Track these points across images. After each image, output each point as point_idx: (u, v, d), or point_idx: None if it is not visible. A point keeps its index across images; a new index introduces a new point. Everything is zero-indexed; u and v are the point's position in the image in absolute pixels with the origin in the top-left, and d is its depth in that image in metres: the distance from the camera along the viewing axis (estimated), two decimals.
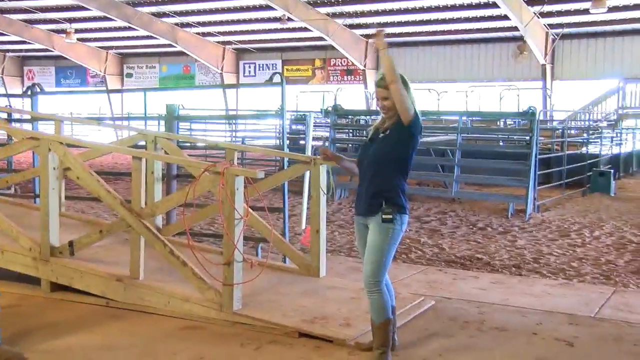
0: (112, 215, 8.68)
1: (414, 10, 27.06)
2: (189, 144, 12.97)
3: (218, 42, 33.95)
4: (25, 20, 32.44)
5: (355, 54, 30.92)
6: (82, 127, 18.52)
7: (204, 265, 6.43)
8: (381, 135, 5.38)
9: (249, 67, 35.99)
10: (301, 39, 31.66)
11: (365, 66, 31.87)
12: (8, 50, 38.12)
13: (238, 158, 9.53)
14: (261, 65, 35.37)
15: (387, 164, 5.29)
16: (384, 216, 5.15)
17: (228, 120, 25.05)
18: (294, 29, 29.60)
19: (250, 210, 7.23)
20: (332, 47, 30.70)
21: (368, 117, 20.82)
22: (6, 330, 5.85)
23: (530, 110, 15.02)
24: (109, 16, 29.11)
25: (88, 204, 12.51)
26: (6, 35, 33.93)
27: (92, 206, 12.74)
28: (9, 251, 7.56)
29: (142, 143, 8.88)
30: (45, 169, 7.35)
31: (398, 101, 5.11)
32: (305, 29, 28.86)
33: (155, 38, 31.88)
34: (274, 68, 34.41)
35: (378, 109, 5.49)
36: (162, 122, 11.94)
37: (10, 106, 14.26)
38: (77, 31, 32.66)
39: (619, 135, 24.43)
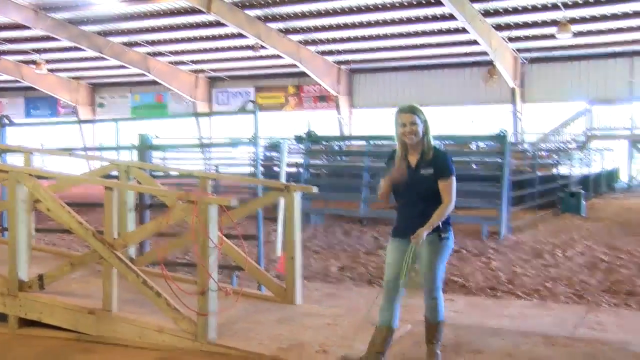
0: (84, 246, 8.61)
1: (385, 37, 27.22)
2: (162, 174, 12.90)
3: (191, 71, 34.00)
4: None
5: (328, 80, 31.05)
6: (53, 158, 18.33)
7: (178, 296, 6.38)
8: (422, 172, 5.82)
9: (222, 95, 36.00)
10: (274, 67, 31.77)
11: (338, 92, 31.99)
12: None
13: (212, 186, 9.48)
14: (234, 93, 35.38)
15: (436, 196, 5.78)
16: (442, 234, 5.77)
17: (201, 148, 24.98)
18: (266, 57, 29.68)
19: (225, 239, 7.21)
20: (305, 74, 30.84)
21: (341, 142, 20.90)
22: None
23: (502, 134, 15.13)
24: (79, 46, 29.03)
25: (60, 236, 12.41)
26: None
27: (63, 238, 12.65)
28: None
29: (115, 173, 8.85)
30: (13, 202, 7.29)
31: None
32: (278, 57, 28.96)
33: (127, 67, 31.84)
34: (248, 96, 34.49)
35: (401, 135, 5.83)
36: (135, 152, 11.89)
37: None
38: (47, 62, 32.56)
39: (587, 156, 24.82)
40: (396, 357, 6.15)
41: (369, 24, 25.83)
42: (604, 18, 24.07)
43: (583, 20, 24.12)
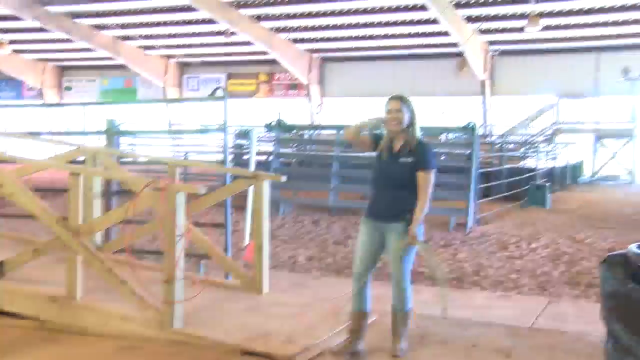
0: (48, 233, 8.53)
1: (357, 26, 27.25)
2: (130, 160, 12.84)
3: (161, 56, 33.80)
4: None
5: (299, 68, 31.04)
6: (17, 142, 18.18)
7: (144, 284, 6.36)
8: (401, 159, 5.89)
9: (193, 81, 35.86)
10: (245, 53, 31.69)
11: (309, 81, 32.00)
12: None
13: (181, 173, 9.45)
14: (205, 80, 35.23)
15: (410, 185, 5.83)
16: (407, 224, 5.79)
17: (171, 135, 24.85)
18: (238, 43, 29.60)
19: (192, 227, 7.18)
20: (277, 62, 30.80)
21: (312, 131, 20.88)
22: None
23: (470, 125, 15.32)
24: (45, 28, 28.75)
25: (23, 221, 12.30)
26: None
27: (27, 224, 12.55)
28: None
29: (82, 159, 8.78)
30: None
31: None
32: (250, 43, 28.90)
33: (96, 51, 31.61)
34: (219, 82, 34.36)
35: (386, 124, 5.97)
36: (103, 137, 11.81)
37: None
38: (11, 42, 32.19)
39: (554, 149, 25.07)
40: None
41: (341, 13, 25.87)
42: (572, 12, 24.38)
43: (552, 14, 24.39)
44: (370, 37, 28.62)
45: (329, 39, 29.41)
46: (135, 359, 5.95)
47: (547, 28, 25.13)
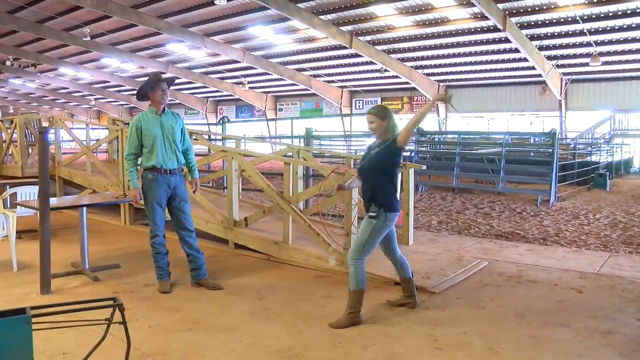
0: (270, 201, 8.86)
1: (468, 64, 26.52)
2: (320, 155, 13.08)
3: (338, 87, 34.06)
4: (219, 78, 33.45)
5: (430, 92, 30.43)
6: (251, 143, 18.86)
7: (330, 235, 6.51)
8: (373, 151, 4.85)
9: (359, 103, 35.90)
10: (394, 83, 31.40)
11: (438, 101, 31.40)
12: (209, 97, 39.40)
13: (353, 164, 9.54)
14: (367, 102, 35.23)
15: (377, 175, 4.77)
16: (370, 213, 4.78)
17: (345, 138, 25.11)
18: (389, 77, 29.41)
19: (361, 200, 7.26)
20: (415, 89, 30.36)
21: (440, 136, 20.57)
22: (209, 270, 6.12)
23: (552, 132, 15.35)
24: (268, 72, 29.69)
25: (255, 193, 12.82)
26: (208, 87, 35.12)
27: (257, 195, 13.07)
28: (210, 222, 7.84)
29: (290, 154, 9.03)
30: (230, 171, 7.60)
31: (407, 132, 4.73)
32: (397, 77, 28.64)
33: (297, 85, 32.26)
34: (375, 102, 34.36)
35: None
36: (302, 140, 12.08)
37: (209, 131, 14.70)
38: (248, 82, 33.47)
39: (611, 148, 23.70)
40: (477, 282, 6.10)
41: (458, 55, 25.25)
42: (623, 52, 22.77)
43: (608, 53, 22.85)
44: (480, 71, 27.74)
45: (450, 73, 28.74)
46: (326, 283, 6.09)
47: (605, 63, 23.63)
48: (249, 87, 34.77)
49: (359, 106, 36.03)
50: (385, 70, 27.46)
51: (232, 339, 4.52)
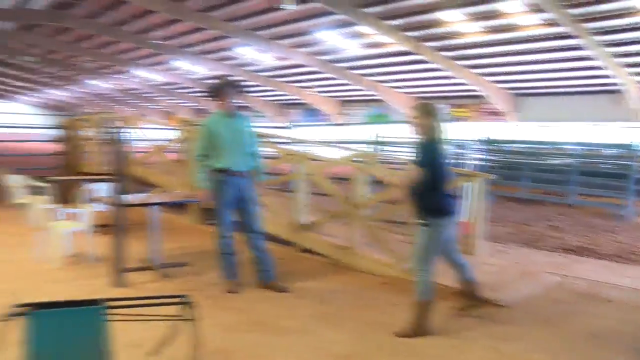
0: (337, 205, 8.84)
1: (541, 71, 25.75)
2: (387, 160, 13.01)
3: (403, 92, 33.84)
4: (286, 81, 33.84)
5: (499, 100, 29.71)
6: (318, 147, 18.96)
7: (395, 242, 6.46)
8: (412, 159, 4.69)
9: None
10: (461, 90, 30.86)
11: (506, 109, 30.60)
12: (275, 100, 39.92)
13: None
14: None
15: (417, 182, 4.58)
16: (420, 221, 4.67)
17: (411, 145, 24.94)
18: (457, 84, 28.95)
19: None
20: (483, 96, 29.78)
21: (509, 145, 20.10)
22: (276, 272, 6.21)
23: (631, 144, 14.65)
24: (334, 76, 29.83)
25: (322, 197, 12.83)
26: (274, 91, 35.63)
27: (324, 199, 13.07)
28: (277, 224, 7.89)
29: (358, 159, 8.99)
30: (298, 175, 7.66)
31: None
32: (464, 84, 28.19)
33: (362, 90, 32.25)
34: (445, 109, 33.92)
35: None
36: (369, 146, 12.05)
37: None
38: (316, 87, 33.72)
39: None
40: (549, 298, 5.91)
41: (528, 62, 24.60)
42: None
43: None
44: (550, 79, 26.92)
45: (520, 80, 27.98)
46: (390, 290, 6.06)
47: None
48: (315, 91, 35.00)
49: None
50: (453, 77, 27.08)
51: (297, 343, 4.55)
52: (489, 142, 17.24)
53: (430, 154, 4.57)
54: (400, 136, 28.87)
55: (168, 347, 4.05)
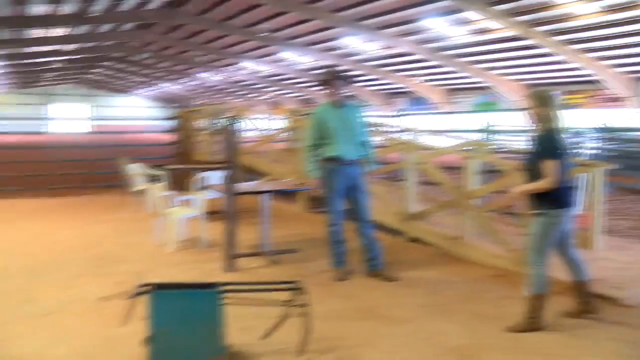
0: (446, 195, 8.67)
1: None
2: (499, 150, 12.55)
3: (513, 79, 32.61)
4: (392, 70, 33.59)
5: (617, 86, 27.90)
6: (425, 136, 18.71)
7: (508, 234, 6.24)
8: (533, 150, 4.55)
9: None
10: (576, 76, 29.27)
11: (626, 95, 28.72)
12: (382, 90, 39.78)
13: None
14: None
15: (536, 173, 4.41)
16: (536, 211, 4.48)
17: (523, 133, 23.94)
18: (571, 69, 27.47)
19: None
20: (598, 82, 28.08)
21: (629, 133, 18.83)
22: (385, 260, 6.19)
23: None
24: (441, 64, 29.27)
25: (431, 187, 12.60)
26: (380, 80, 35.53)
27: (433, 189, 12.84)
28: (386, 213, 7.87)
29: (469, 148, 8.76)
30: (407, 163, 7.58)
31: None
32: (578, 69, 26.70)
33: (471, 78, 31.40)
34: (557, 96, 32.37)
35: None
36: (479, 134, 11.71)
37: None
38: (422, 75, 33.26)
39: None
40: None
41: None
42: None
43: None
44: None
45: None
46: (502, 283, 5.86)
47: None
48: (422, 80, 34.50)
49: None
50: (565, 62, 25.70)
51: (406, 332, 4.51)
52: (606, 129, 16.16)
53: (550, 144, 4.42)
54: (511, 124, 27.99)
55: (279, 331, 4.16)
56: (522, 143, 22.27)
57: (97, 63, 41.92)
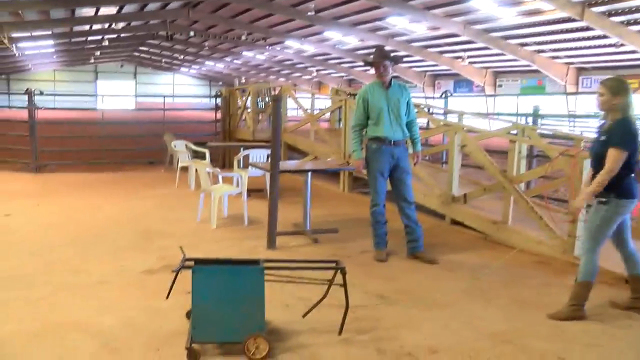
0: (487, 179, 8.55)
1: None
2: (547, 133, 12.25)
3: (564, 63, 31.71)
4: (438, 52, 33.10)
5: None
6: (470, 119, 18.41)
7: (553, 220, 6.12)
8: (601, 138, 4.33)
9: (587, 81, 33.05)
10: (630, 59, 28.28)
11: None
12: (427, 71, 39.30)
13: (583, 146, 8.81)
14: (596, 80, 32.31)
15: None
16: (599, 199, 4.27)
17: (570, 118, 23.37)
18: (625, 52, 26.51)
19: None
20: None
21: None
22: (425, 243, 6.16)
23: None
24: (488, 46, 28.66)
25: (474, 170, 12.46)
26: (426, 61, 35.03)
27: (476, 172, 12.69)
28: (428, 195, 7.83)
29: (515, 132, 8.60)
30: (452, 146, 7.48)
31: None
32: (634, 52, 25.72)
33: (518, 60, 30.68)
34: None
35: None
36: (526, 118, 11.45)
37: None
38: (468, 57, 32.67)
39: None
40: None
41: None
42: None
43: None
44: None
45: None
46: (545, 270, 5.76)
47: None
48: (468, 62, 33.89)
49: (587, 84, 33.18)
50: (622, 44, 24.82)
51: (446, 316, 4.48)
52: None
53: (622, 133, 4.24)
54: (560, 109, 27.31)
55: (318, 310, 4.19)
56: (567, 129, 21.81)
57: (144, 41, 42.50)
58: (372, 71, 6.00)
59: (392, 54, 6.19)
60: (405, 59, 34.76)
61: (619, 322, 4.43)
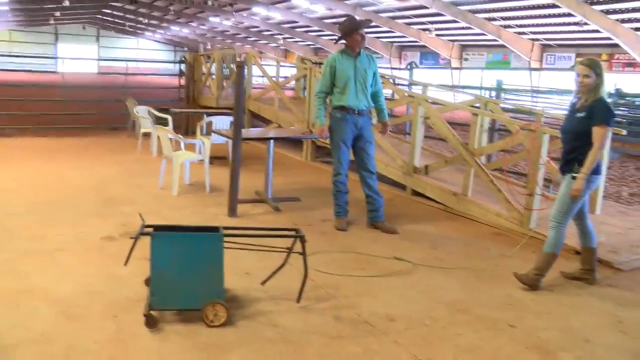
0: (449, 151, 8.63)
1: None
2: (509, 108, 12.41)
3: (529, 39, 32.00)
4: (406, 23, 32.99)
5: (637, 50, 27.42)
6: (435, 92, 18.47)
7: (511, 193, 6.23)
8: (577, 115, 4.42)
9: (550, 57, 33.48)
10: (592, 39, 28.72)
11: None
12: (394, 42, 39.18)
13: (542, 122, 8.95)
14: (559, 57, 32.76)
15: (583, 138, 4.34)
16: (573, 174, 4.40)
17: (533, 94, 23.65)
18: (587, 31, 26.91)
19: (550, 160, 6.80)
20: (617, 45, 27.53)
21: None
22: (386, 213, 6.20)
23: None
24: (456, 19, 28.71)
25: (436, 142, 12.58)
26: (393, 32, 34.89)
27: (437, 144, 12.83)
28: (390, 166, 7.88)
29: (478, 105, 8.69)
30: (415, 117, 7.51)
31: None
32: (597, 31, 26.10)
33: (485, 35, 30.85)
34: (569, 60, 31.83)
35: (576, 85, 4.46)
36: (489, 92, 11.53)
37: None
38: (435, 29, 32.68)
39: None
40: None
41: None
42: None
43: None
44: None
45: None
46: (501, 242, 5.87)
47: None
48: (435, 35, 33.92)
49: (550, 61, 33.66)
50: (585, 23, 25.14)
51: (404, 284, 4.55)
52: (619, 95, 15.89)
53: (603, 111, 4.36)
54: (523, 84, 27.58)
55: (277, 278, 4.21)
56: (529, 104, 22.11)
57: (108, 3, 41.31)
58: (344, 40, 5.94)
59: (364, 23, 6.14)
60: (372, 30, 34.64)
61: (567, 292, 4.59)
